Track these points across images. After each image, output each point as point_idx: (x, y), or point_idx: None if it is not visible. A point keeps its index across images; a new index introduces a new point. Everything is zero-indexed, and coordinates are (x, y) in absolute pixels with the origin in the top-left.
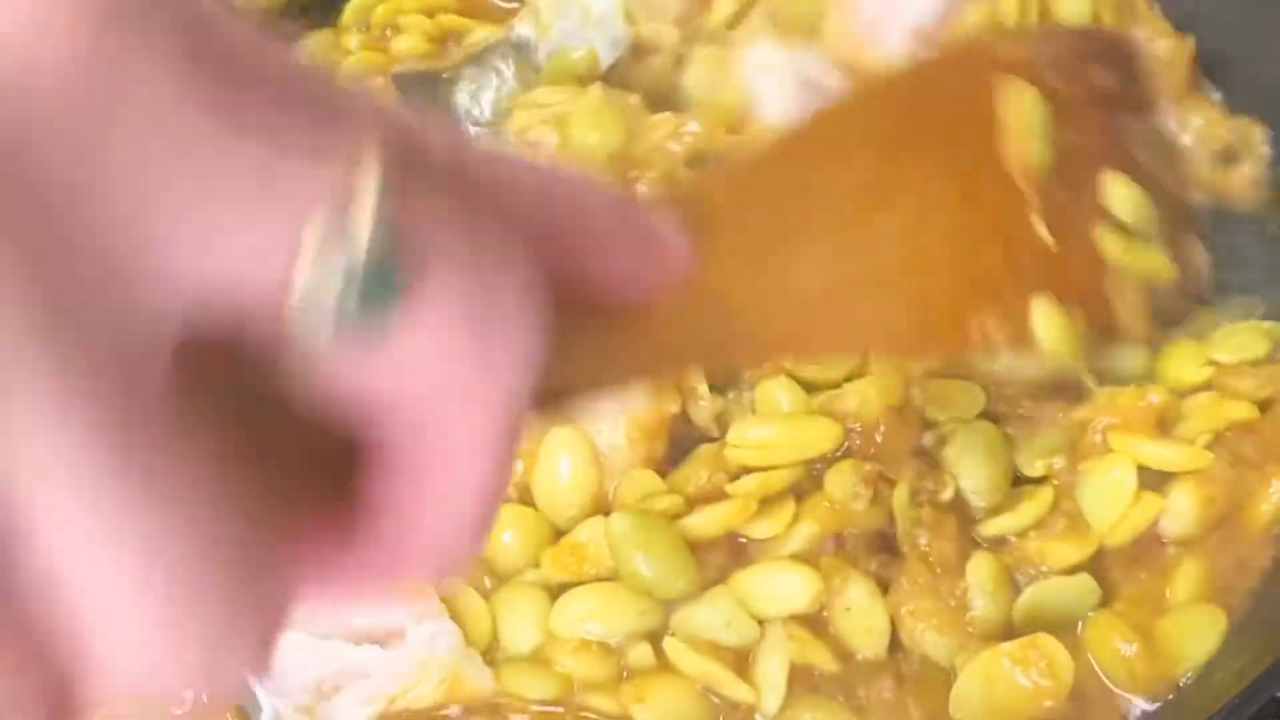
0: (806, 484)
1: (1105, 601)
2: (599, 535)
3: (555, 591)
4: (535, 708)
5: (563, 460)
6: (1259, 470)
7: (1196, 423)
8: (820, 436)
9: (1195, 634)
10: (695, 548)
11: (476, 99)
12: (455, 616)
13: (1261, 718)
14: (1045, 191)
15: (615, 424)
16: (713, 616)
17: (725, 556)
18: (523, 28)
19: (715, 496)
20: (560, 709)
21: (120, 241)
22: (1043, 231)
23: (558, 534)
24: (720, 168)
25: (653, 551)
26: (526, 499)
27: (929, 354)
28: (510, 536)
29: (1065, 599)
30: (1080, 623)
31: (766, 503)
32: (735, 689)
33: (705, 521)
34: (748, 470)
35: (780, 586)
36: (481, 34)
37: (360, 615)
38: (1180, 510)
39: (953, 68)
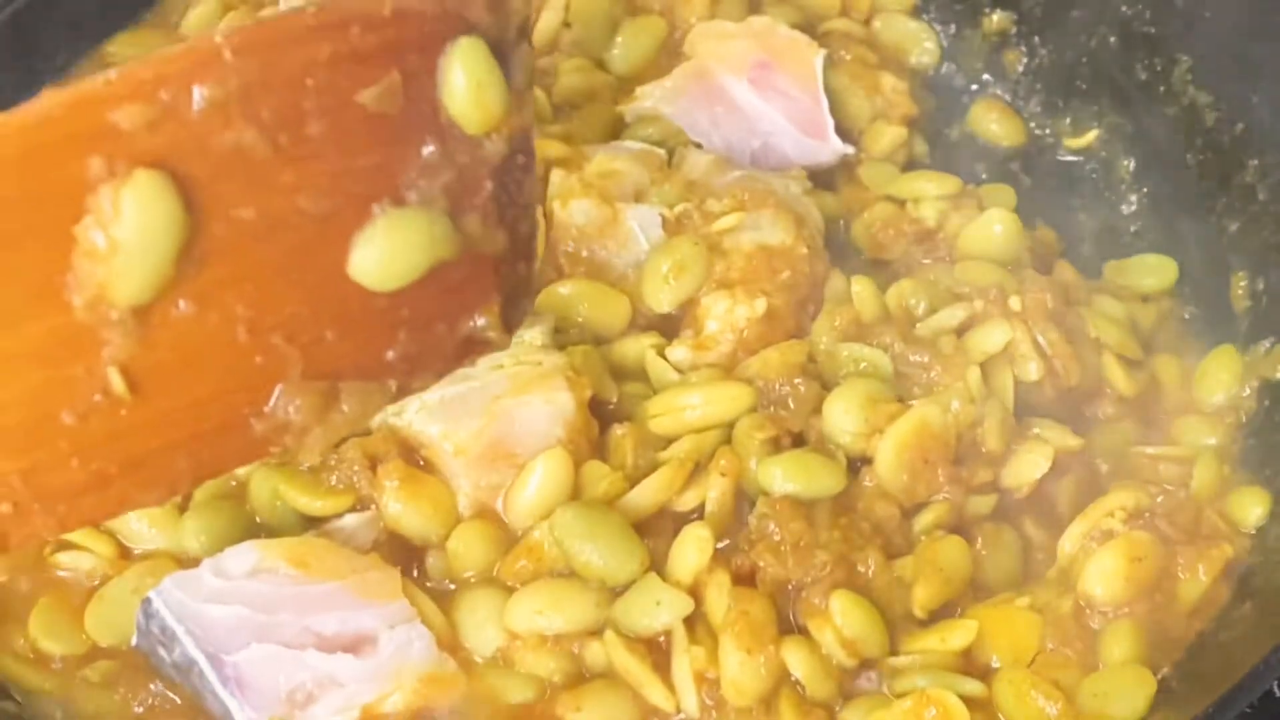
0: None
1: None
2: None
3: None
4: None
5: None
6: (1186, 548)
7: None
8: (735, 395)
9: (1123, 694)
10: (641, 530)
11: None
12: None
13: None
14: None
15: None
16: (644, 599)
17: (670, 538)
18: None
19: (650, 473)
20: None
21: None
22: None
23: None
24: None
25: (599, 538)
26: (486, 514)
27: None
28: (468, 545)
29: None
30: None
31: (695, 472)
32: (654, 692)
33: (641, 496)
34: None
35: (691, 545)
36: None
37: (330, 622)
38: (1107, 570)
39: None
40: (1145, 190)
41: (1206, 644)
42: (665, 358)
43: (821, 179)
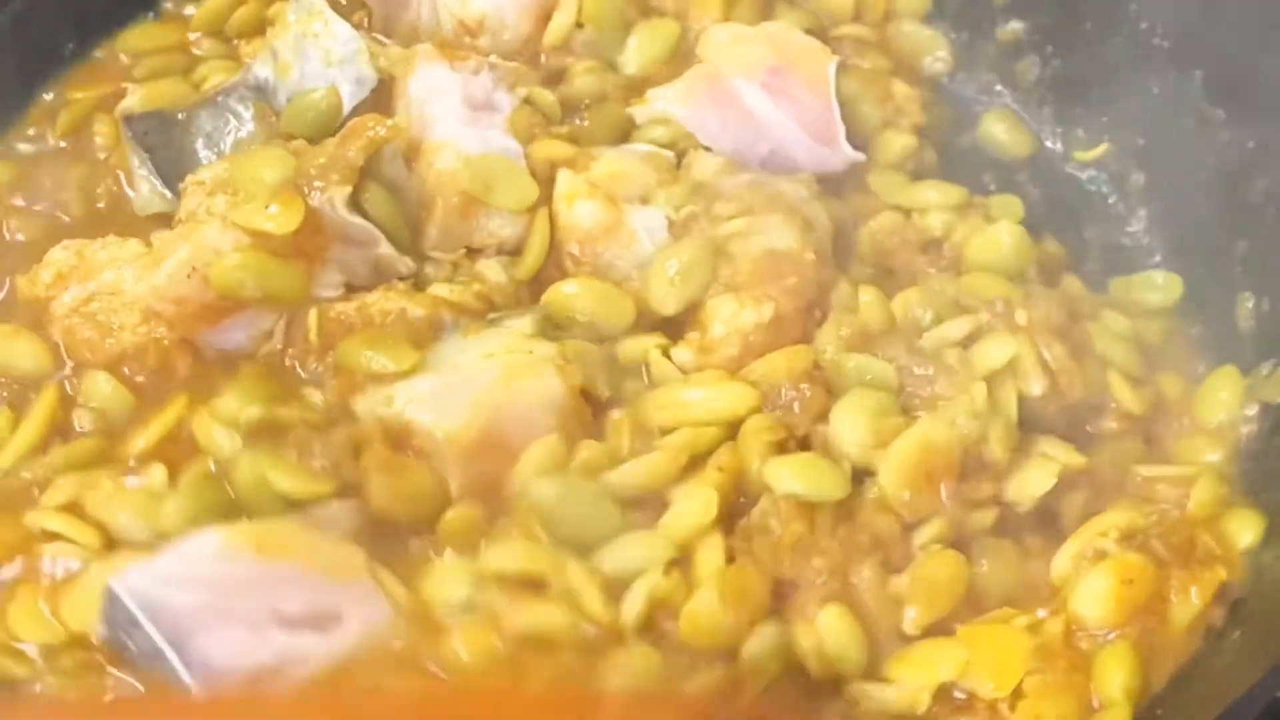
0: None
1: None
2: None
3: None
4: None
5: None
6: (1180, 571)
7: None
8: (738, 394)
9: None
10: (625, 506)
11: (214, 142)
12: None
13: None
14: None
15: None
16: (628, 544)
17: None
18: (261, 69)
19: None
20: None
21: None
22: None
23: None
24: None
25: (575, 504)
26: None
27: None
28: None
29: None
30: None
31: (693, 466)
32: (593, 600)
33: (629, 472)
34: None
35: (699, 500)
36: (216, 76)
37: (294, 601)
38: (1098, 592)
39: None
40: (1154, 206)
41: (1194, 671)
42: (669, 359)
43: (830, 185)
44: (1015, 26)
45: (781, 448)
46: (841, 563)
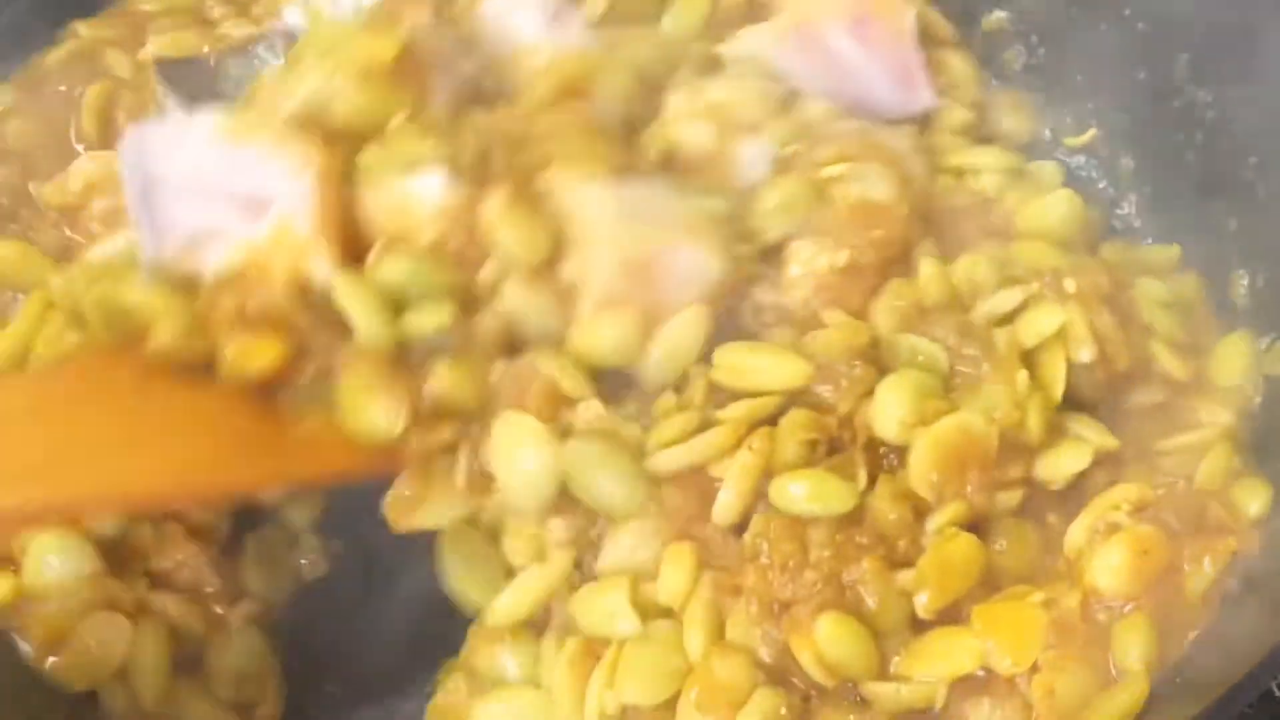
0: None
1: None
2: None
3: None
4: None
5: None
6: (1192, 541)
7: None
8: (791, 371)
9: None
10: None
11: (244, 87)
12: None
13: None
14: None
15: None
16: (605, 602)
17: (695, 499)
18: (293, 16)
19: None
20: None
21: None
22: None
23: None
24: None
25: (611, 475)
26: None
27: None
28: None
29: None
30: None
31: (747, 436)
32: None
33: (687, 453)
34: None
35: (679, 565)
36: (242, 30)
37: (239, 182)
38: (1114, 564)
39: None
40: (1144, 189)
41: (1209, 639)
42: None
43: None
44: (999, 16)
45: (814, 447)
46: (836, 569)
